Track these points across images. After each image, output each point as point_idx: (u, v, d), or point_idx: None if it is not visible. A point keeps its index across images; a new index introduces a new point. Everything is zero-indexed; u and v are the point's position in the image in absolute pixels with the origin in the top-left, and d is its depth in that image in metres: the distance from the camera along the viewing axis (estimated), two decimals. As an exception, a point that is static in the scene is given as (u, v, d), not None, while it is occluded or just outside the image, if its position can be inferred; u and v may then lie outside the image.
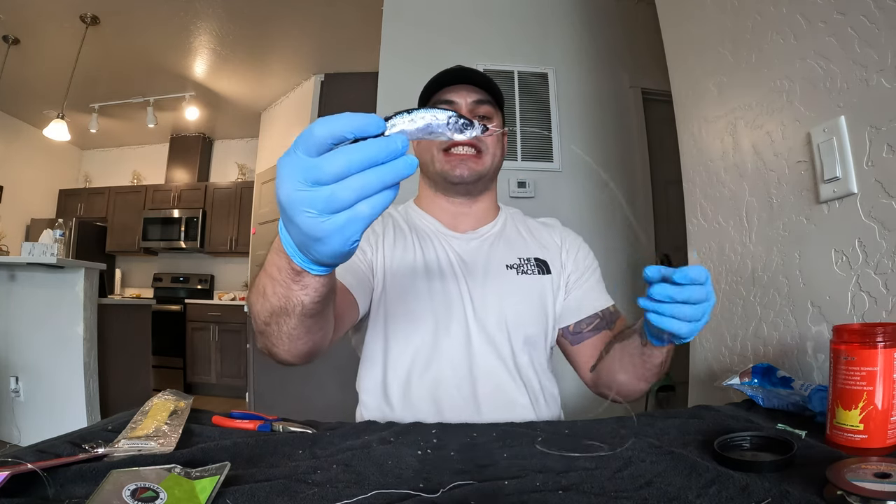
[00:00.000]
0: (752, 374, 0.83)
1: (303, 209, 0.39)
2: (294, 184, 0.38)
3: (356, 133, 0.38)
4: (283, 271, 0.50)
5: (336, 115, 0.38)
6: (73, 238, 4.87)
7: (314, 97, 4.19)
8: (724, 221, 1.23)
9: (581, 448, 0.55)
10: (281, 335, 0.59)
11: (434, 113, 0.41)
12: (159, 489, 0.39)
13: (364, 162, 0.37)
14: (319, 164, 0.37)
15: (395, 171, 0.38)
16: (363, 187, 0.38)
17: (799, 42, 0.98)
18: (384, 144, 0.38)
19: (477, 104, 0.90)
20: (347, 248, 0.41)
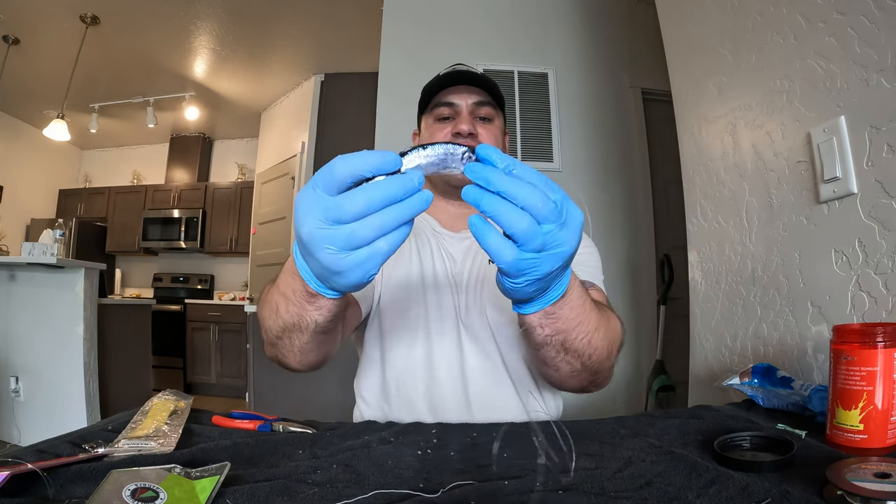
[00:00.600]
0: (752, 374, 0.83)
1: (324, 246, 0.40)
2: (315, 221, 0.39)
3: (375, 172, 0.39)
4: (298, 293, 0.52)
5: (355, 153, 0.39)
6: (73, 238, 4.88)
7: (314, 97, 4.19)
8: (724, 221, 1.23)
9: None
10: (293, 349, 0.61)
11: (448, 148, 0.42)
12: (159, 489, 0.39)
13: (384, 201, 0.38)
14: (341, 203, 0.39)
15: (411, 207, 0.39)
16: (382, 225, 0.39)
17: (799, 42, 0.98)
18: (402, 183, 0.39)
19: (478, 105, 0.89)
20: (365, 280, 0.43)
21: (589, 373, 0.62)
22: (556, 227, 0.41)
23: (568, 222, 0.42)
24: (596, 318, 0.57)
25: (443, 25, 2.61)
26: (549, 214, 0.40)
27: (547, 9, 2.70)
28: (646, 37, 2.53)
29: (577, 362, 0.59)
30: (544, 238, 0.41)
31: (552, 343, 0.56)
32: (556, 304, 0.51)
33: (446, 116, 0.89)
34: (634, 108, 2.70)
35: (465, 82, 0.89)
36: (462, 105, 0.89)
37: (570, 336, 0.55)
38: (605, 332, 0.60)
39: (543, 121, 2.57)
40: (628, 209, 2.61)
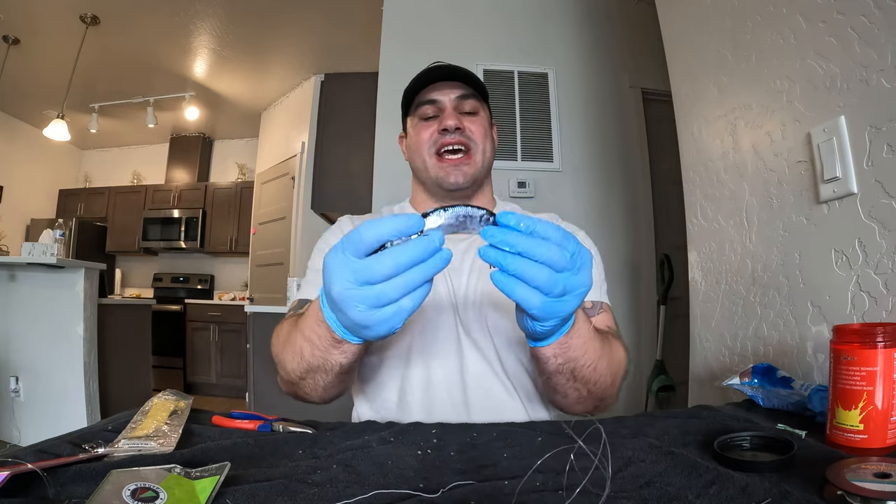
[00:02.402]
0: (752, 374, 0.83)
1: (354, 304, 0.44)
2: (345, 283, 0.43)
3: (400, 235, 0.43)
4: (324, 339, 0.55)
5: (380, 219, 0.43)
6: (73, 238, 4.88)
7: (314, 97, 4.19)
8: (724, 221, 1.24)
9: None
10: (316, 387, 0.65)
11: (468, 210, 0.45)
12: (159, 489, 0.39)
13: (409, 263, 0.42)
14: (370, 265, 0.42)
15: (434, 266, 0.43)
16: (406, 284, 0.43)
17: (799, 42, 0.98)
18: (425, 245, 0.42)
19: (461, 99, 0.87)
20: (391, 333, 0.47)
21: (594, 399, 0.66)
22: (573, 273, 0.46)
23: (582, 266, 0.46)
24: (599, 347, 0.62)
25: (443, 25, 2.61)
26: (566, 264, 0.44)
27: (547, 9, 2.70)
28: (646, 37, 2.53)
29: (584, 389, 0.64)
30: (564, 284, 0.45)
31: (563, 371, 0.60)
32: (567, 334, 0.56)
33: (431, 115, 0.87)
34: (634, 108, 2.70)
35: (445, 78, 0.87)
36: (445, 101, 0.87)
37: (578, 363, 0.60)
38: (609, 362, 0.65)
39: (543, 121, 2.57)
40: (628, 209, 2.61)
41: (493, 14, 2.65)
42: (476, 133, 0.86)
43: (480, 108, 0.90)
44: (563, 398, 0.67)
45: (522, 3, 2.69)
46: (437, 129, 0.85)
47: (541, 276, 0.44)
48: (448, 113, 0.86)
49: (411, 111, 0.91)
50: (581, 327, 0.57)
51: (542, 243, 0.44)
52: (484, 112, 0.91)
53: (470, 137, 0.85)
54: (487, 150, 0.89)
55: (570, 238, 0.45)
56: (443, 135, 0.84)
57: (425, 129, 0.86)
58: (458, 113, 0.87)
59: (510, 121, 2.53)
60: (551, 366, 0.60)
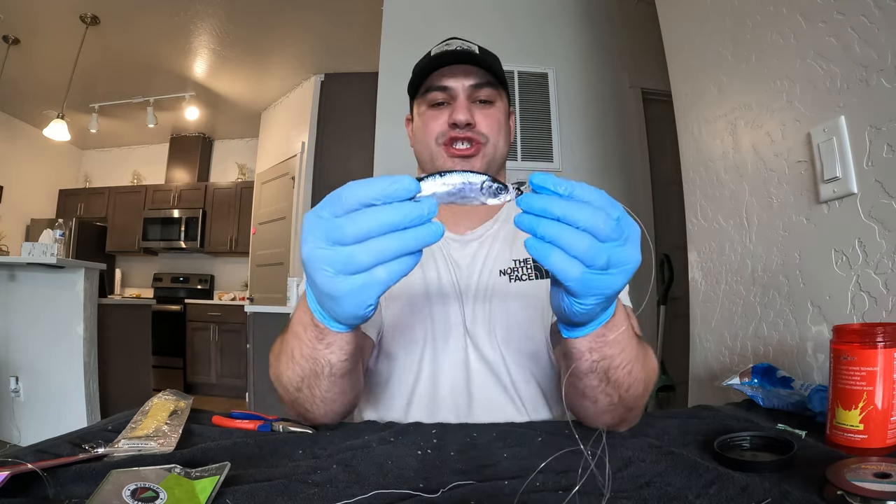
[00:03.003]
0: (752, 374, 0.83)
1: (321, 266, 0.39)
2: (316, 241, 0.39)
3: (385, 200, 0.37)
4: (308, 329, 0.51)
5: (369, 179, 0.38)
6: (73, 238, 4.88)
7: (314, 97, 4.19)
8: (724, 221, 1.23)
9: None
10: (314, 400, 0.59)
11: (467, 176, 0.40)
12: (159, 489, 0.39)
13: (386, 226, 0.37)
14: (342, 224, 0.37)
15: (416, 237, 0.38)
16: (382, 252, 0.37)
17: (799, 42, 0.98)
18: (409, 210, 0.37)
19: (476, 88, 0.79)
20: (362, 311, 0.42)
21: (624, 408, 0.59)
22: (619, 244, 0.40)
23: (630, 238, 0.41)
24: (636, 347, 0.56)
25: (443, 25, 2.61)
26: (610, 232, 0.39)
27: (547, 9, 2.70)
28: (646, 37, 2.53)
29: (615, 394, 0.56)
30: (609, 255, 0.39)
31: (597, 370, 0.53)
32: (606, 325, 0.49)
33: (440, 102, 0.79)
34: (634, 108, 2.70)
35: (462, 61, 0.78)
36: (458, 88, 0.78)
37: (613, 363, 0.53)
38: (644, 365, 0.58)
39: (543, 121, 2.57)
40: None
41: (493, 14, 2.65)
42: (488, 128, 0.79)
43: (498, 97, 0.81)
44: (593, 404, 0.58)
45: (522, 3, 2.69)
46: (448, 121, 0.78)
47: (581, 244, 0.38)
48: (460, 103, 0.78)
49: (420, 94, 0.82)
50: (619, 321, 0.51)
51: (583, 207, 0.38)
52: (501, 102, 0.82)
53: (480, 133, 0.78)
54: (500, 145, 0.81)
55: (615, 204, 0.40)
56: (452, 129, 0.77)
57: (434, 118, 0.79)
58: (472, 102, 0.79)
59: (510, 121, 2.53)
60: (585, 363, 0.53)
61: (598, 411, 0.59)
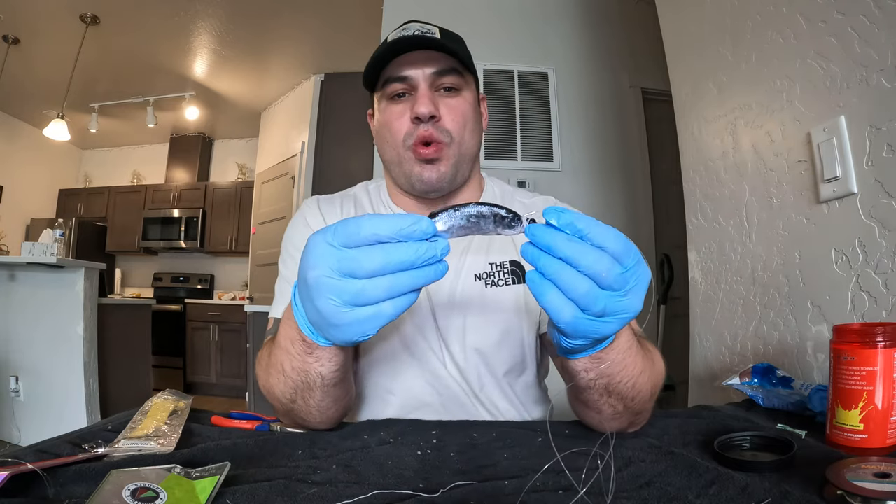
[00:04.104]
0: (752, 374, 0.83)
1: (328, 296, 0.39)
2: (325, 269, 0.38)
3: (403, 238, 0.38)
4: (296, 344, 0.50)
5: (387, 216, 0.38)
6: (73, 238, 4.88)
7: (314, 97, 4.19)
8: (724, 221, 1.23)
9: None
10: (310, 410, 0.58)
11: (479, 209, 0.40)
12: (159, 489, 0.39)
13: (401, 265, 0.37)
14: (357, 257, 0.37)
15: (427, 276, 0.38)
16: (392, 289, 0.38)
17: (799, 42, 0.98)
18: (425, 251, 0.38)
19: (438, 76, 0.71)
20: (362, 339, 0.41)
21: (631, 414, 0.57)
22: (619, 295, 0.39)
23: (634, 288, 0.39)
24: (641, 362, 0.53)
25: (443, 25, 2.61)
26: (612, 282, 0.38)
27: (547, 8, 2.70)
28: (646, 37, 2.53)
29: (619, 405, 0.55)
30: (606, 303, 0.38)
31: (595, 387, 0.52)
32: (603, 350, 0.48)
33: (401, 93, 0.72)
34: (634, 108, 2.70)
35: (421, 46, 0.70)
36: (418, 77, 0.70)
37: (614, 380, 0.52)
38: (650, 375, 0.56)
39: (543, 121, 2.57)
40: (628, 209, 2.61)
41: (492, 13, 2.65)
42: (453, 122, 0.71)
43: (464, 84, 0.74)
44: (597, 414, 0.57)
45: (522, 3, 2.69)
46: (411, 115, 0.70)
47: (580, 288, 0.38)
48: (421, 93, 0.70)
49: (378, 87, 0.75)
50: (622, 342, 0.49)
51: (590, 252, 0.37)
52: (468, 91, 0.74)
53: (444, 130, 0.71)
54: (466, 141, 0.73)
55: (632, 251, 0.39)
56: (415, 123, 0.70)
57: (396, 114, 0.72)
58: (435, 92, 0.71)
59: (510, 121, 2.53)
60: (581, 381, 0.51)
61: (603, 420, 0.58)
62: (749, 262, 1.14)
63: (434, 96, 0.71)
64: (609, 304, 0.39)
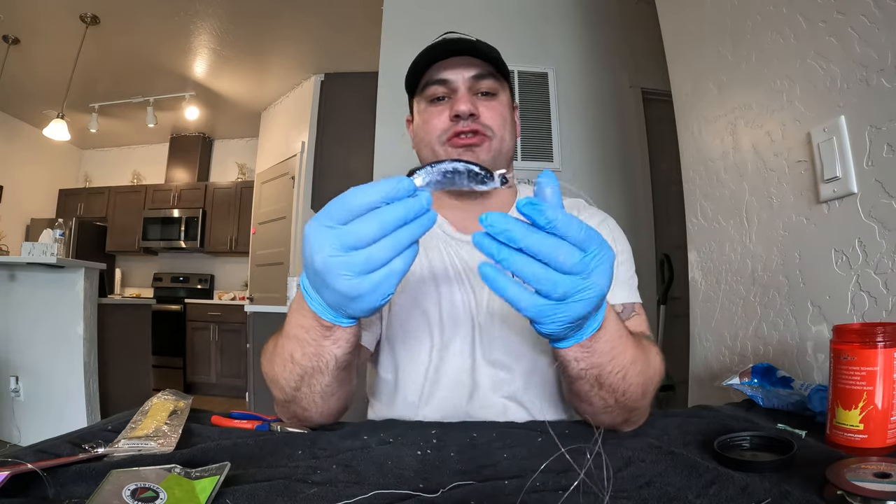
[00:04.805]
0: (751, 374, 0.83)
1: (340, 273, 0.41)
2: (329, 249, 0.40)
3: (388, 201, 0.40)
4: (312, 330, 0.51)
5: (368, 185, 0.41)
6: (73, 238, 4.88)
7: (314, 97, 4.19)
8: (724, 221, 1.23)
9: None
10: (314, 396, 0.58)
11: (455, 165, 0.44)
12: (159, 489, 0.39)
13: (397, 222, 0.40)
14: (355, 230, 0.40)
15: (422, 225, 0.41)
16: (396, 245, 0.40)
17: (799, 42, 0.98)
18: (413, 205, 0.40)
19: (476, 79, 0.75)
20: (383, 301, 0.43)
21: (623, 410, 0.58)
22: (581, 277, 0.40)
23: (597, 270, 0.40)
24: (632, 353, 0.54)
25: (443, 25, 2.59)
26: (572, 268, 0.39)
27: (547, 8, 2.70)
28: (646, 37, 2.53)
29: (610, 398, 0.56)
30: (566, 287, 0.40)
31: (586, 377, 0.53)
32: (591, 337, 0.49)
33: (441, 97, 0.76)
34: (634, 108, 2.70)
35: (460, 53, 0.74)
36: (458, 80, 0.75)
37: (604, 370, 0.53)
38: (642, 369, 0.56)
39: (543, 121, 2.57)
40: (628, 209, 2.61)
41: (492, 13, 2.65)
42: (492, 119, 0.75)
43: (500, 89, 0.78)
44: (589, 406, 0.59)
45: (522, 3, 2.69)
46: (450, 115, 0.74)
47: (535, 274, 0.39)
48: (461, 95, 0.74)
49: (418, 91, 0.79)
50: (610, 330, 0.50)
51: (546, 240, 0.39)
52: (504, 95, 0.79)
53: (485, 125, 0.74)
54: (506, 139, 0.77)
55: (594, 238, 0.40)
56: (455, 122, 0.73)
57: (435, 114, 0.75)
58: (473, 94, 0.75)
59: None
60: (572, 370, 0.52)
61: (595, 412, 0.60)
62: (749, 262, 1.14)
63: (473, 99, 0.75)
64: (570, 287, 0.40)
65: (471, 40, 0.75)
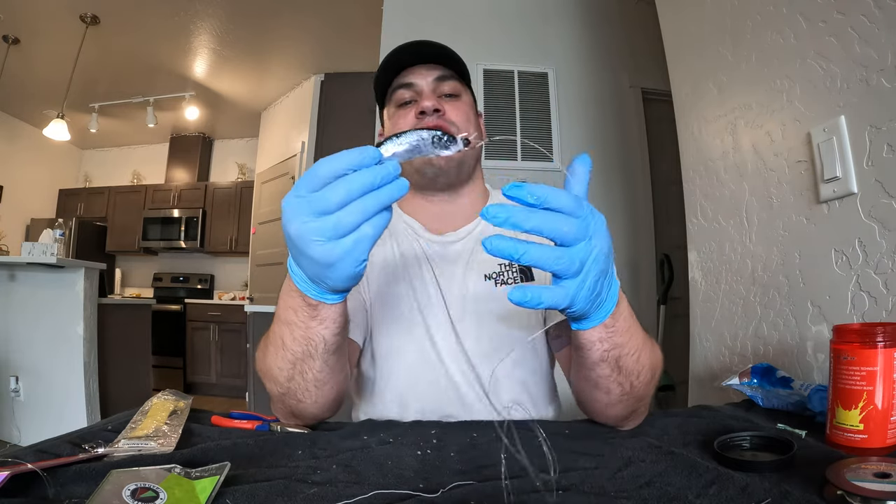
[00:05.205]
0: (751, 374, 0.83)
1: (312, 238, 0.42)
2: (301, 217, 0.42)
3: (355, 168, 0.42)
4: (300, 311, 0.52)
5: (335, 154, 0.42)
6: (73, 238, 4.88)
7: (314, 97, 4.19)
8: (724, 221, 1.23)
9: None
10: (307, 385, 0.59)
11: (419, 133, 0.45)
12: (159, 489, 0.39)
13: (363, 188, 0.41)
14: (323, 195, 0.41)
15: (390, 193, 0.42)
16: (364, 210, 0.41)
17: (799, 42, 0.98)
18: (379, 171, 0.42)
19: (439, 81, 0.79)
20: (358, 268, 0.44)
21: (634, 398, 0.59)
22: (587, 242, 0.42)
23: (596, 231, 0.43)
24: (641, 334, 0.57)
25: (443, 25, 2.61)
26: (577, 234, 0.41)
27: (547, 9, 2.70)
28: (646, 37, 2.53)
29: (626, 383, 0.57)
30: (581, 257, 0.42)
31: (608, 359, 0.54)
32: (613, 314, 0.50)
33: (408, 101, 0.79)
34: (634, 108, 2.70)
35: (421, 60, 0.79)
36: (422, 84, 0.78)
37: (624, 350, 0.54)
38: (650, 352, 0.58)
39: (543, 121, 2.57)
40: (628, 209, 2.61)
41: (493, 14, 2.65)
42: (457, 117, 0.78)
43: (462, 91, 0.82)
44: (606, 395, 0.59)
45: (522, 3, 2.69)
46: (415, 112, 0.77)
47: (554, 256, 0.41)
48: (426, 95, 0.78)
49: (387, 100, 0.82)
50: (624, 310, 0.52)
51: (548, 217, 0.40)
52: (466, 97, 0.83)
53: (450, 121, 0.77)
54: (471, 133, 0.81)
55: (580, 202, 0.42)
56: (421, 118, 0.76)
57: (402, 116, 0.78)
58: (437, 96, 0.78)
59: (510, 121, 2.53)
60: (596, 353, 0.53)
61: (610, 402, 0.60)
62: (749, 262, 1.14)
63: (437, 99, 0.78)
64: (584, 255, 0.42)
65: (432, 45, 0.79)
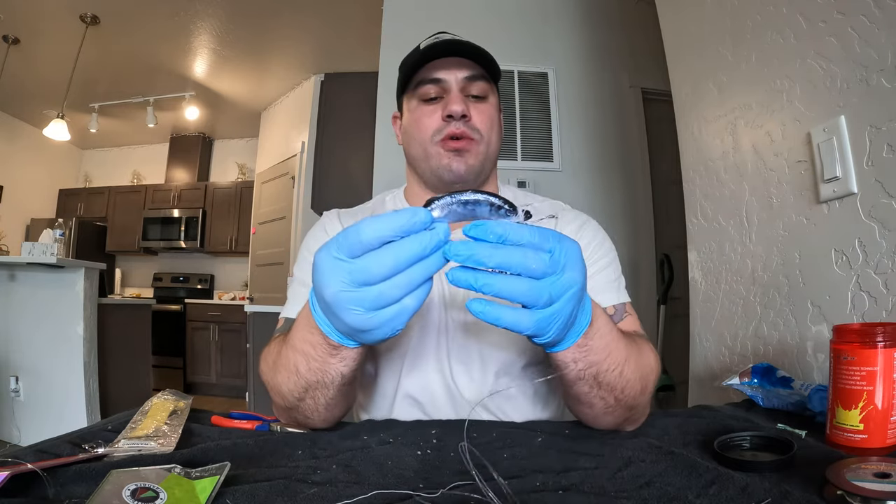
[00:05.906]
0: (751, 374, 0.83)
1: (350, 308, 0.40)
2: (339, 284, 0.39)
3: (403, 235, 0.38)
4: (319, 347, 0.50)
5: (382, 216, 0.39)
6: (73, 238, 4.88)
7: (314, 97, 4.19)
8: (724, 221, 1.23)
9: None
10: (318, 407, 0.58)
11: (475, 196, 0.41)
12: (159, 489, 0.39)
13: (410, 260, 0.38)
14: (367, 266, 0.38)
15: (437, 263, 0.39)
16: (410, 283, 0.39)
17: (799, 42, 0.98)
18: (429, 240, 0.38)
19: (469, 81, 0.75)
20: (394, 334, 0.42)
21: (623, 408, 0.58)
22: (556, 276, 0.40)
23: (567, 264, 0.41)
24: (625, 349, 0.55)
25: (443, 24, 2.60)
26: (546, 269, 0.40)
27: (547, 8, 2.70)
28: (646, 37, 2.53)
29: (610, 397, 0.56)
30: (550, 291, 0.40)
31: (585, 378, 0.53)
32: (585, 334, 0.49)
33: (433, 97, 0.76)
34: (634, 108, 2.70)
35: (454, 53, 0.75)
36: (451, 81, 0.75)
37: (601, 368, 0.52)
38: (637, 365, 0.57)
39: (543, 121, 2.57)
40: (628, 209, 2.61)
41: (492, 13, 2.65)
42: (482, 123, 0.75)
43: (490, 92, 0.78)
44: (589, 409, 0.58)
45: (522, 3, 2.69)
46: (442, 115, 0.74)
47: (520, 289, 0.39)
48: (454, 96, 0.74)
49: (409, 88, 0.78)
50: (601, 327, 0.51)
51: (513, 252, 0.39)
52: (493, 97, 0.79)
53: (474, 128, 0.75)
54: (493, 142, 0.78)
55: (546, 235, 0.40)
56: (447, 122, 0.74)
57: (427, 113, 0.75)
58: (465, 96, 0.75)
59: (510, 121, 2.53)
60: (571, 372, 0.52)
61: (596, 414, 0.59)
62: (749, 262, 1.14)
63: (464, 100, 0.75)
64: (553, 289, 0.40)
65: (465, 41, 0.75)
